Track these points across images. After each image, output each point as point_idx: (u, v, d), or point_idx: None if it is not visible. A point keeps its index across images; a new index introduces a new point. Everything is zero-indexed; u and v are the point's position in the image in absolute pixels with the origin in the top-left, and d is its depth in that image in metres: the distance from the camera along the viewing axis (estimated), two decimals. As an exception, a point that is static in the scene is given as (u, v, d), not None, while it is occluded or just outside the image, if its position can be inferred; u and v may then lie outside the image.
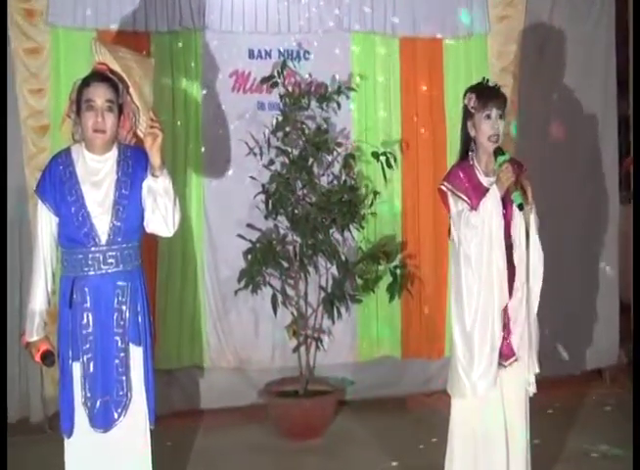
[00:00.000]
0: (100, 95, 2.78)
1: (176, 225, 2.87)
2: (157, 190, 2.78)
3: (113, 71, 2.89)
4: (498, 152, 2.93)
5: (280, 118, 4.41)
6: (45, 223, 2.83)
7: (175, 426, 4.22)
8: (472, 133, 3.03)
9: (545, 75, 5.01)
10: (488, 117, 2.97)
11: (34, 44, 4.31)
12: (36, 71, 4.32)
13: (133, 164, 2.86)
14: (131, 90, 2.90)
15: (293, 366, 4.54)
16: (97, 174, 2.83)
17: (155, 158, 2.75)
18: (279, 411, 4.38)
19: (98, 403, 2.78)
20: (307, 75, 4.67)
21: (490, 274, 2.90)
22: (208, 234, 4.65)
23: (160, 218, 2.83)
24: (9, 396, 4.06)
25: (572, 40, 5.02)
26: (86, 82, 2.82)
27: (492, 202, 2.90)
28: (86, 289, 2.79)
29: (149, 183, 2.80)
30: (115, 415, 2.80)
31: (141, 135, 2.88)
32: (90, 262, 2.79)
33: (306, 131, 4.41)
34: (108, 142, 2.84)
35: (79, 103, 2.82)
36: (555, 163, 4.98)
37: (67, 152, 2.87)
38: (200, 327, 4.66)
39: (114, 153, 2.87)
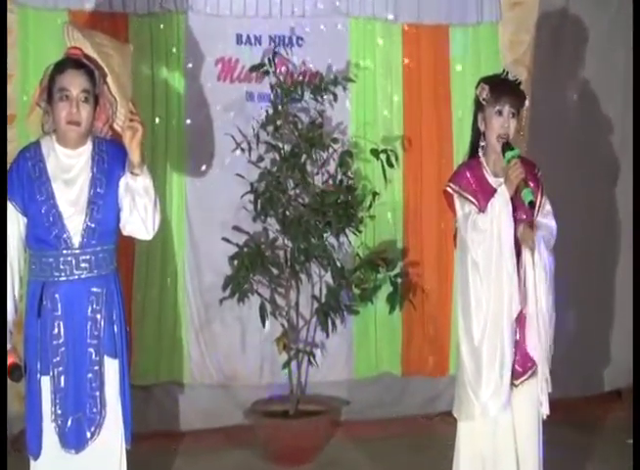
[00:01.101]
0: (75, 84, 2.78)
1: (156, 228, 2.88)
2: (136, 189, 2.78)
3: (88, 57, 2.88)
4: (506, 147, 2.93)
5: (270, 111, 4.42)
6: (12, 224, 2.81)
7: (152, 449, 4.20)
8: (482, 128, 3.04)
9: (560, 68, 5.03)
10: (500, 113, 2.98)
11: (1, 26, 4.31)
12: (3, 55, 4.33)
13: (109, 159, 2.86)
14: (109, 80, 2.90)
15: (282, 383, 4.54)
16: (69, 171, 2.83)
17: (134, 154, 2.75)
18: (267, 433, 4.38)
19: (69, 421, 2.77)
20: (301, 64, 4.68)
21: (500, 281, 2.91)
22: (191, 237, 4.65)
23: (139, 220, 2.83)
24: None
25: (591, 30, 5.05)
26: (60, 69, 2.81)
27: (501, 202, 2.91)
28: (57, 295, 2.78)
29: (127, 181, 2.80)
30: (88, 434, 2.79)
31: (119, 129, 2.88)
32: (62, 267, 2.78)
33: (299, 125, 4.42)
34: (82, 135, 2.84)
35: (51, 91, 2.81)
36: (569, 163, 4.99)
37: (36, 146, 2.87)
38: (180, 339, 4.65)
39: (88, 147, 2.86)
